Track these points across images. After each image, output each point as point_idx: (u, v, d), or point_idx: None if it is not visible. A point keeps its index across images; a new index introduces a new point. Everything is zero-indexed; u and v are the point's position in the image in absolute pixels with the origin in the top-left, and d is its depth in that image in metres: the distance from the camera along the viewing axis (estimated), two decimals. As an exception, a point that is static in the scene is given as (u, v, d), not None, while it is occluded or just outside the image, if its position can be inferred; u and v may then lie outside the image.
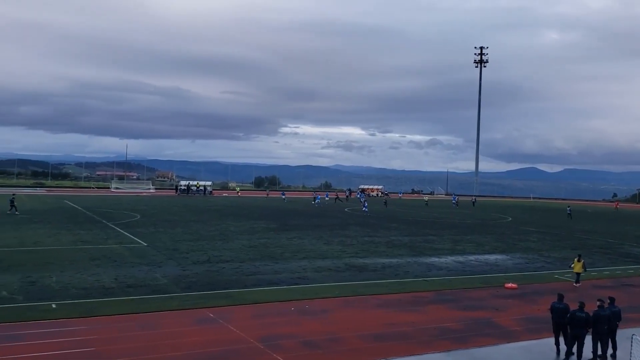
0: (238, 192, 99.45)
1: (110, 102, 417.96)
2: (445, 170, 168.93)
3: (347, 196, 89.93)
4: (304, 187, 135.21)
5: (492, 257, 31.68)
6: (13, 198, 49.25)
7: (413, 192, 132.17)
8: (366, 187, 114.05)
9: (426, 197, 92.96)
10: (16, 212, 45.62)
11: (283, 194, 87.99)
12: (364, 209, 62.68)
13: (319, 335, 15.59)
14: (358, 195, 78.09)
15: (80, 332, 15.16)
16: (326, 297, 20.23)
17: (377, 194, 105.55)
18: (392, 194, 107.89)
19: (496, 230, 48.25)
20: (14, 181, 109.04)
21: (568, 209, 68.52)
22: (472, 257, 31.26)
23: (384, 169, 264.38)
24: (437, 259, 30.15)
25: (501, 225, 53.83)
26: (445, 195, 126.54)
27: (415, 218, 58.10)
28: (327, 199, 79.57)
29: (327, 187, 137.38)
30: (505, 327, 17.27)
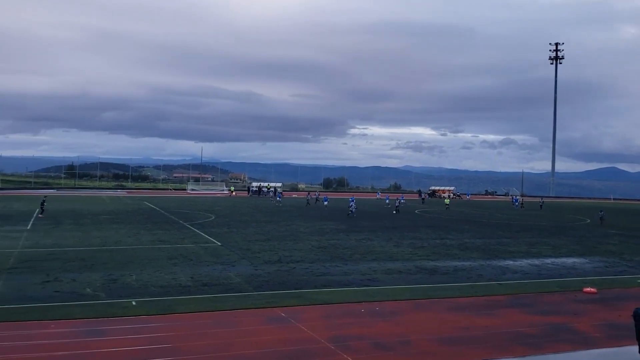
0: (233, 192, 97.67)
1: (186, 107, 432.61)
2: (520, 171, 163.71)
3: (422, 198, 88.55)
4: (372, 188, 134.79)
5: (570, 261, 30.49)
6: (44, 200, 50.06)
7: (486, 193, 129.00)
8: (437, 188, 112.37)
9: (447, 199, 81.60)
10: (40, 215, 46.00)
11: (279, 196, 78.38)
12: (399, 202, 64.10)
13: (389, 337, 15.55)
14: (400, 199, 71.34)
15: (159, 329, 15.81)
16: (397, 300, 20.14)
17: (448, 196, 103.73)
18: (464, 196, 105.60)
19: (574, 232, 46.37)
20: (97, 183, 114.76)
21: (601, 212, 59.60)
22: (548, 261, 30.22)
23: (456, 170, 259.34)
24: (511, 262, 29.34)
25: (579, 227, 51.66)
26: (519, 195, 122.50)
27: (489, 220, 56.72)
28: (402, 201, 73.13)
29: (396, 188, 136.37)
30: (584, 333, 16.60)
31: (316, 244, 33.70)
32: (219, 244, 32.85)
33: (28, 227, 38.88)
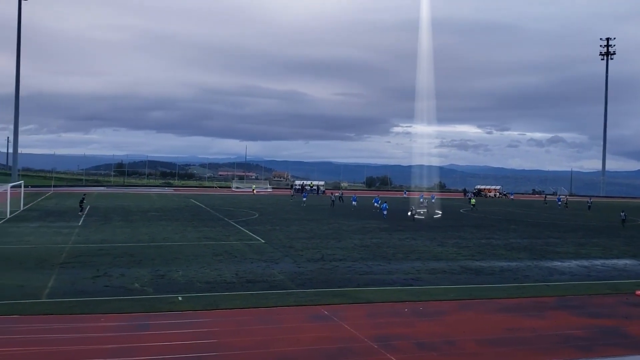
0: (254, 190, 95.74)
1: (231, 106, 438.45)
2: (569, 170, 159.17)
3: (469, 198, 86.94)
4: (416, 187, 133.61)
5: (621, 262, 29.53)
6: (83, 198, 50.24)
7: (534, 192, 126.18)
8: (483, 187, 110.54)
9: (473, 199, 73.47)
10: (80, 213, 46.35)
11: (305, 195, 72.46)
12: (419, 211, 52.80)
13: (433, 337, 15.41)
14: (421, 199, 67.61)
15: (204, 324, 16.10)
16: (441, 300, 19.93)
17: (494, 195, 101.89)
18: (509, 195, 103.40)
19: (625, 233, 44.86)
20: (145, 181, 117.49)
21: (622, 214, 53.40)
22: (598, 262, 29.34)
23: (502, 169, 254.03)
24: (559, 263, 28.62)
25: (631, 228, 49.93)
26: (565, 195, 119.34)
27: (536, 220, 55.48)
28: (433, 201, 73.20)
29: (440, 187, 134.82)
30: (636, 337, 16.06)
31: (359, 243, 33.66)
32: (263, 241, 33.18)
33: (79, 223, 40.14)
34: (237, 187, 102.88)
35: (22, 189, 53.51)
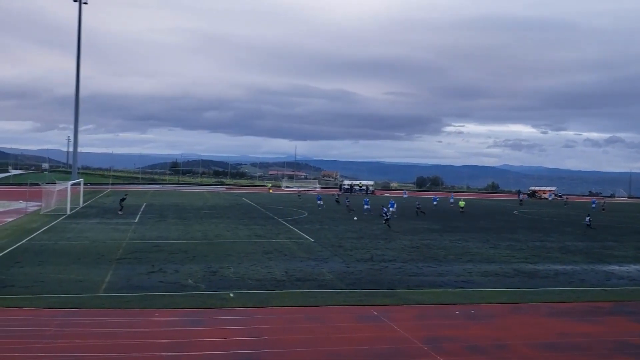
0: (270, 189, 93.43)
1: (281, 106, 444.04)
2: (628, 171, 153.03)
3: (520, 200, 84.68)
4: (468, 188, 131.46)
5: (686, 269, 28.22)
6: (125, 197, 50.15)
7: (590, 194, 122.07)
8: (537, 188, 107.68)
9: (462, 201, 63.26)
10: (119, 212, 46.33)
11: (318, 198, 63.97)
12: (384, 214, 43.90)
13: (484, 340, 15.16)
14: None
15: (255, 321, 16.33)
16: (493, 303, 19.58)
17: (549, 196, 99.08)
18: (568, 196, 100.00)
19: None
20: (198, 179, 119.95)
21: (587, 219, 48.11)
22: (660, 268, 28.14)
23: (557, 169, 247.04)
24: (617, 267, 27.62)
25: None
26: (627, 198, 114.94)
27: (592, 222, 53.64)
28: (451, 201, 68.53)
29: (493, 188, 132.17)
30: (702, 348, 15.35)
31: (408, 244, 33.39)
32: (312, 240, 33.35)
33: (136, 220, 41.35)
34: (287, 186, 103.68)
35: (82, 186, 55.49)
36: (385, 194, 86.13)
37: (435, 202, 64.68)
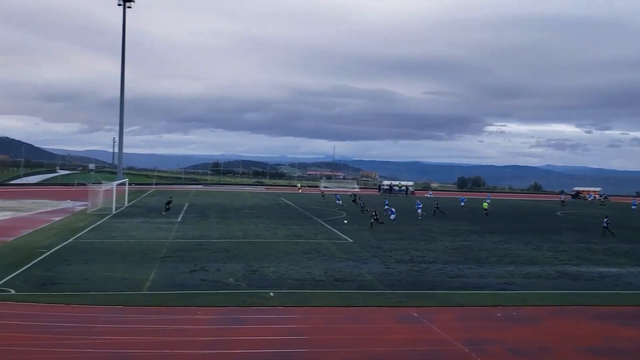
0: (300, 189, 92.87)
1: (321, 107, 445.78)
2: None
3: (562, 201, 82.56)
4: (510, 188, 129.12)
5: None
6: (171, 200, 50.18)
7: (637, 195, 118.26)
8: (581, 189, 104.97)
9: (485, 203, 57.39)
10: (163, 213, 46.38)
11: (337, 197, 62.70)
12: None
13: (527, 343, 14.91)
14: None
15: (295, 321, 16.46)
16: (536, 305, 19.22)
17: (589, 197, 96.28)
18: (607, 197, 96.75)
19: None
20: (239, 179, 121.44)
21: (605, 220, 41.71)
22: None
23: (602, 170, 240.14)
24: (667, 271, 26.72)
25: None
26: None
27: (638, 224, 52.07)
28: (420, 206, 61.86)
29: (536, 188, 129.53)
30: None
31: (449, 245, 33.05)
32: (351, 240, 33.35)
33: (179, 220, 42.12)
34: (325, 187, 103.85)
35: (127, 186, 56.78)
36: (425, 194, 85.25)
37: (462, 203, 63.44)
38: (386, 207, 49.57)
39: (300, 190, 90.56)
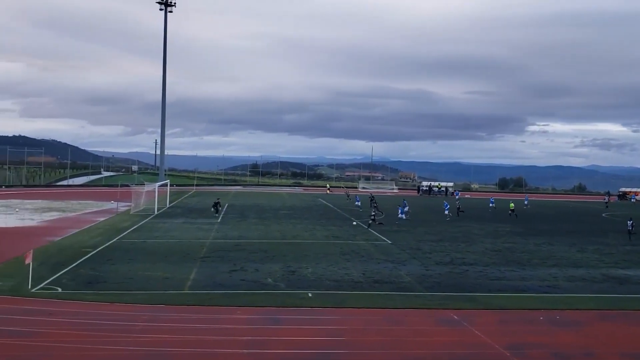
0: (328, 190, 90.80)
1: (358, 107, 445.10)
2: None
3: (606, 202, 79.93)
4: (553, 189, 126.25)
5: None
6: (218, 202, 49.21)
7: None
8: (628, 190, 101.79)
9: (511, 203, 56.03)
10: (216, 214, 46.13)
11: (357, 199, 61.33)
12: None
13: (571, 348, 14.54)
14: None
15: (333, 322, 16.46)
16: (580, 309, 18.73)
17: (632, 198, 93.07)
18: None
19: None
20: (277, 180, 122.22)
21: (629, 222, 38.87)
22: None
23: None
24: None
25: None
26: None
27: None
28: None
29: (580, 189, 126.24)
30: None
31: (490, 247, 32.51)
32: (389, 242, 33.15)
33: (219, 220, 42.64)
34: (364, 188, 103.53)
35: (168, 187, 57.84)
36: (458, 195, 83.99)
37: (492, 204, 61.65)
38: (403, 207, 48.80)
39: (328, 191, 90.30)
